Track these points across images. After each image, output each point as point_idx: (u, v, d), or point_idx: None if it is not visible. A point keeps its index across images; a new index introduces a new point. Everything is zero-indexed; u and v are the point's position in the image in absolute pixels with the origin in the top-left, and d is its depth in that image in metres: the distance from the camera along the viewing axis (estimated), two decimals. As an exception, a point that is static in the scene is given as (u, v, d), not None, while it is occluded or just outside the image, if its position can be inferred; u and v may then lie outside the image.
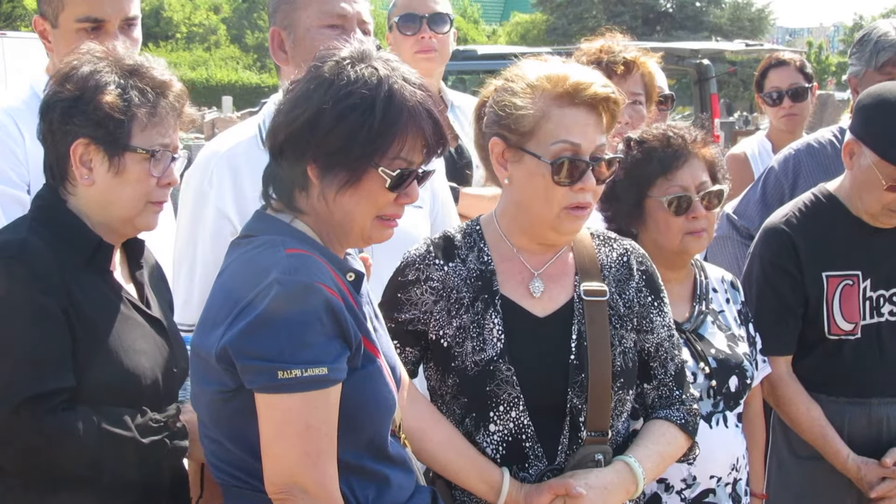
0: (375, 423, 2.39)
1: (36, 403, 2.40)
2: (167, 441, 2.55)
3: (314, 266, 2.27)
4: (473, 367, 2.66)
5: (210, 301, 2.36)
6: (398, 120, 2.31)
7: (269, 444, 2.23)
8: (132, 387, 2.55)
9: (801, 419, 3.55)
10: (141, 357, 2.59)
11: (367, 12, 3.28)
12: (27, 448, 2.45)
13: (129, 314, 2.63)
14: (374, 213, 2.37)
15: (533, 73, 2.67)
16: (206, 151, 3.33)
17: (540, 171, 2.61)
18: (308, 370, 2.19)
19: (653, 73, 3.90)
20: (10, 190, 3.08)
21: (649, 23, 48.15)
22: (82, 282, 2.53)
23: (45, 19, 3.29)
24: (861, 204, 3.51)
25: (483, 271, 2.72)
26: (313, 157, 2.32)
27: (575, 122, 2.61)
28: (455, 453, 2.66)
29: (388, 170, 2.32)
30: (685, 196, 3.13)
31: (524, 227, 2.73)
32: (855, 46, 4.43)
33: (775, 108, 5.45)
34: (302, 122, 2.32)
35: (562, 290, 2.76)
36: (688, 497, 3.08)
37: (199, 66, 48.26)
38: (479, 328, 2.68)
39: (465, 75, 12.31)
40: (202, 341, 2.32)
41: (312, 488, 2.22)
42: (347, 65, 2.34)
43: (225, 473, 2.38)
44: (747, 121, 23.06)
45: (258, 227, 2.41)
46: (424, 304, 2.72)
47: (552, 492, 2.60)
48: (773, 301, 3.54)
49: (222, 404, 2.30)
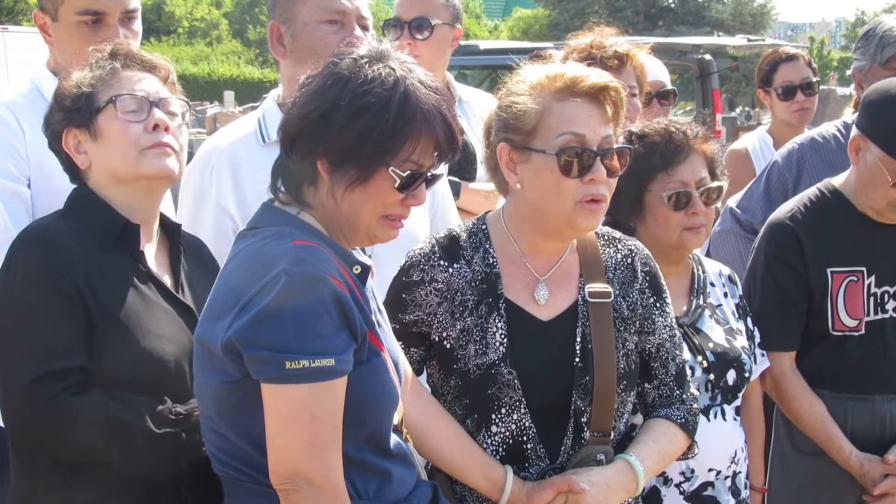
0: (378, 417, 2.38)
1: (45, 384, 2.43)
2: (183, 434, 2.53)
3: (321, 257, 2.26)
4: (475, 370, 2.65)
5: (215, 292, 2.36)
6: (412, 121, 2.31)
7: (274, 434, 2.23)
8: (151, 370, 2.55)
9: (803, 415, 3.54)
10: (162, 341, 2.59)
11: (366, 8, 3.28)
12: (37, 429, 2.48)
13: (154, 299, 2.64)
14: (381, 212, 2.37)
15: (532, 74, 2.68)
16: (206, 147, 3.33)
17: (547, 165, 2.59)
18: (315, 361, 2.19)
19: (643, 65, 3.89)
20: (11, 184, 3.08)
21: (651, 18, 48.14)
22: (106, 266, 2.57)
23: (45, 13, 3.28)
24: (866, 200, 3.50)
25: (488, 274, 2.71)
26: (324, 152, 2.32)
27: (577, 114, 2.59)
28: (459, 449, 2.66)
29: (398, 170, 2.32)
30: (685, 191, 3.13)
31: (539, 227, 2.70)
32: (860, 41, 4.42)
33: (787, 102, 5.41)
34: (316, 116, 2.32)
35: (566, 294, 2.75)
36: (686, 490, 3.08)
37: (200, 60, 48.31)
38: (482, 331, 2.67)
39: (468, 70, 12.29)
40: (207, 332, 2.31)
41: (318, 479, 2.22)
42: (365, 63, 2.34)
43: (226, 465, 2.38)
44: (749, 116, 23.03)
45: (265, 219, 2.41)
46: (428, 306, 2.70)
47: (555, 489, 2.60)
48: (777, 296, 3.53)
49: (226, 395, 2.30)
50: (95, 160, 2.66)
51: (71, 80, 2.68)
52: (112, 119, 2.63)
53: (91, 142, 2.65)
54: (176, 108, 2.73)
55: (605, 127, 2.62)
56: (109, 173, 2.66)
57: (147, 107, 2.66)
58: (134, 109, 2.64)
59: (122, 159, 2.64)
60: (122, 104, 2.63)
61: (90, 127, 2.64)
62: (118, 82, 2.66)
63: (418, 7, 4.28)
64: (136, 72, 2.71)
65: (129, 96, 2.64)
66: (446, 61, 4.41)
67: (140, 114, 2.65)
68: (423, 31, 4.23)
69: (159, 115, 2.66)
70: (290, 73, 3.22)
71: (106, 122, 2.63)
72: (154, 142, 2.64)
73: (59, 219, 2.64)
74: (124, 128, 2.63)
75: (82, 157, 2.66)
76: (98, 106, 2.63)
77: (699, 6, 49.33)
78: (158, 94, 2.70)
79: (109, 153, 2.64)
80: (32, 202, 3.08)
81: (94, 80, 2.65)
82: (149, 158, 2.64)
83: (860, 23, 50.49)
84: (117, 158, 2.64)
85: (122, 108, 2.63)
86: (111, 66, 2.68)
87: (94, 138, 2.64)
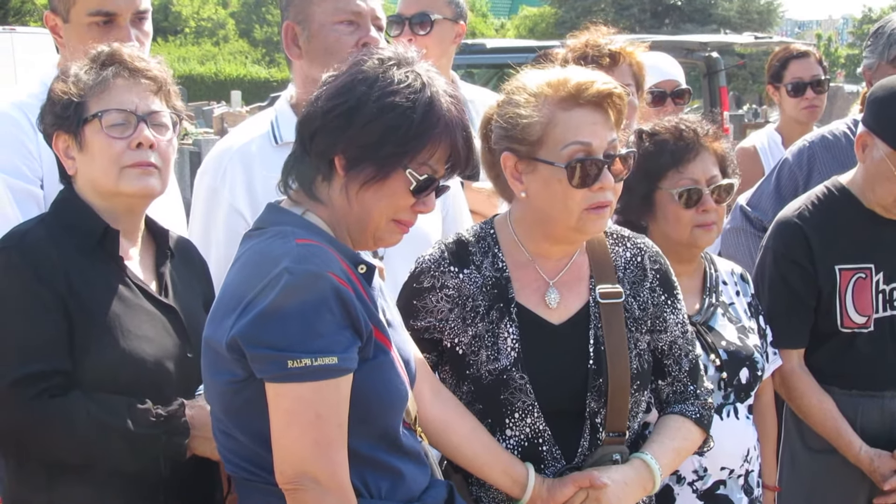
0: (387, 414, 2.39)
1: (24, 387, 2.46)
2: (163, 435, 2.54)
3: (324, 256, 2.27)
4: (488, 375, 2.66)
5: (222, 292, 2.37)
6: (435, 126, 2.33)
7: (279, 434, 2.24)
8: (131, 371, 2.56)
9: (813, 412, 3.54)
10: (143, 342, 2.60)
11: (380, 9, 3.29)
12: (17, 432, 2.50)
13: (136, 301, 2.66)
14: (392, 214, 2.38)
15: (533, 82, 2.67)
16: (218, 148, 3.34)
17: (556, 177, 2.59)
18: (318, 359, 2.19)
19: (641, 63, 3.88)
20: (24, 185, 3.08)
21: (658, 16, 48.04)
22: (85, 269, 2.59)
23: (56, 14, 3.28)
24: (874, 196, 3.50)
25: (498, 279, 2.71)
26: (344, 148, 2.33)
27: (583, 123, 2.60)
28: (480, 447, 2.65)
29: (415, 173, 2.33)
30: (696, 189, 3.14)
31: (547, 232, 2.71)
32: (869, 39, 4.42)
33: (796, 98, 5.41)
34: (341, 111, 2.33)
35: (577, 297, 2.75)
36: (699, 489, 3.09)
37: (207, 60, 48.27)
38: (493, 337, 2.67)
39: (474, 69, 12.28)
40: (213, 332, 2.32)
41: (323, 478, 2.22)
42: (392, 65, 2.36)
43: (237, 466, 2.38)
44: (756, 113, 22.99)
45: (270, 220, 2.42)
46: (440, 312, 2.71)
47: (576, 484, 2.61)
48: (786, 294, 3.53)
49: (233, 395, 2.31)
50: (80, 169, 2.68)
51: (63, 84, 2.67)
52: (97, 132, 2.64)
53: (77, 150, 2.66)
54: (167, 120, 2.73)
55: (610, 132, 2.62)
56: (92, 184, 2.67)
57: (134, 122, 2.65)
58: (120, 123, 2.64)
59: (103, 175, 2.65)
60: (108, 119, 2.63)
61: (77, 136, 2.65)
62: (107, 94, 2.65)
63: (419, 3, 4.30)
64: (129, 81, 2.69)
65: (115, 111, 2.64)
66: (450, 59, 4.41)
67: (126, 129, 2.65)
68: (424, 27, 4.25)
69: (145, 133, 2.65)
70: (305, 74, 3.23)
71: (91, 134, 2.64)
72: (136, 160, 2.65)
73: (38, 223, 2.66)
74: (108, 143, 2.63)
75: (70, 161, 2.68)
76: (85, 117, 2.64)
77: (706, 4, 49.19)
78: (149, 107, 2.68)
79: (93, 166, 2.66)
80: (46, 201, 3.08)
81: (83, 89, 2.64)
82: (129, 178, 2.65)
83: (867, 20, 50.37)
84: (99, 173, 2.65)
85: (107, 123, 2.63)
86: (102, 76, 2.66)
87: (80, 148, 2.66)
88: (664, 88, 4.49)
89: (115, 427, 2.50)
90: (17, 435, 2.52)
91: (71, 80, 2.66)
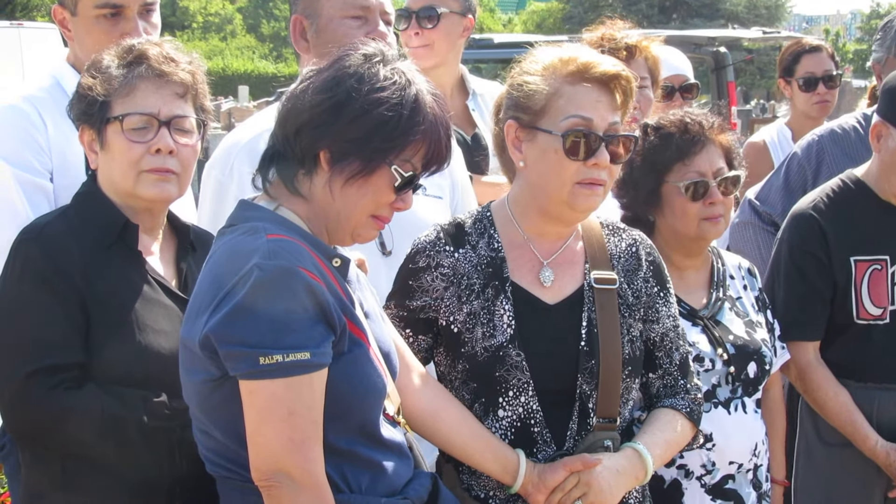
0: (364, 407, 2.37)
1: (39, 379, 2.46)
2: (178, 428, 2.54)
3: (295, 250, 2.26)
4: (483, 352, 2.66)
5: (196, 290, 2.35)
6: (421, 124, 2.33)
7: (253, 431, 2.22)
8: (147, 364, 2.57)
9: (829, 405, 3.53)
10: (159, 336, 2.61)
11: (389, 3, 3.29)
12: (32, 424, 2.51)
13: (154, 295, 2.66)
14: (373, 210, 2.38)
15: (546, 55, 2.71)
16: (226, 143, 3.34)
17: (552, 146, 2.62)
18: (290, 355, 2.18)
19: (657, 57, 3.89)
20: (33, 178, 3.09)
21: (665, 11, 48.02)
22: (104, 263, 2.59)
23: (64, 8, 3.29)
24: (889, 186, 3.50)
25: (493, 258, 2.73)
26: (330, 142, 2.33)
27: (586, 98, 2.63)
28: (469, 435, 2.65)
29: (400, 169, 2.33)
30: (702, 181, 3.14)
31: (540, 207, 2.73)
32: (878, 34, 4.43)
33: (808, 93, 5.38)
34: (328, 105, 2.33)
35: (571, 279, 2.76)
36: (708, 483, 3.08)
37: (215, 55, 48.37)
38: (489, 314, 2.68)
39: (482, 64, 12.29)
40: (188, 331, 2.31)
41: (298, 474, 2.21)
42: (378, 62, 2.36)
43: (216, 465, 2.38)
44: (764, 108, 22.97)
45: (241, 216, 2.40)
46: (435, 291, 2.72)
47: (568, 468, 2.60)
48: (802, 286, 3.53)
49: (209, 393, 2.30)
50: (102, 166, 2.69)
51: (90, 80, 2.66)
52: (118, 134, 2.64)
53: (100, 149, 2.68)
54: (191, 124, 2.72)
55: (613, 114, 2.65)
56: (110, 182, 2.68)
57: (156, 127, 2.65)
58: (141, 127, 2.64)
59: (121, 177, 2.66)
60: (129, 122, 2.63)
61: (101, 135, 2.66)
62: (132, 96, 2.64)
63: None
64: (155, 83, 2.67)
65: (137, 115, 2.64)
66: (459, 52, 4.40)
67: (147, 133, 2.64)
68: (431, 20, 4.24)
69: (166, 140, 2.65)
70: (313, 68, 3.24)
71: (113, 135, 2.65)
72: (154, 166, 2.65)
73: (59, 216, 2.67)
74: (127, 147, 2.64)
75: (94, 155, 2.70)
76: (108, 117, 2.64)
77: (714, -1, 49.15)
78: (172, 111, 2.67)
79: (112, 166, 2.67)
80: (55, 195, 3.09)
81: (108, 89, 2.64)
82: (146, 183, 2.65)
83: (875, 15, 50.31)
84: (117, 174, 2.66)
85: (128, 126, 2.63)
86: (128, 77, 2.65)
87: (102, 146, 2.67)
88: (673, 83, 4.48)
89: (129, 420, 2.50)
90: (32, 427, 2.53)
91: (99, 78, 2.65)
